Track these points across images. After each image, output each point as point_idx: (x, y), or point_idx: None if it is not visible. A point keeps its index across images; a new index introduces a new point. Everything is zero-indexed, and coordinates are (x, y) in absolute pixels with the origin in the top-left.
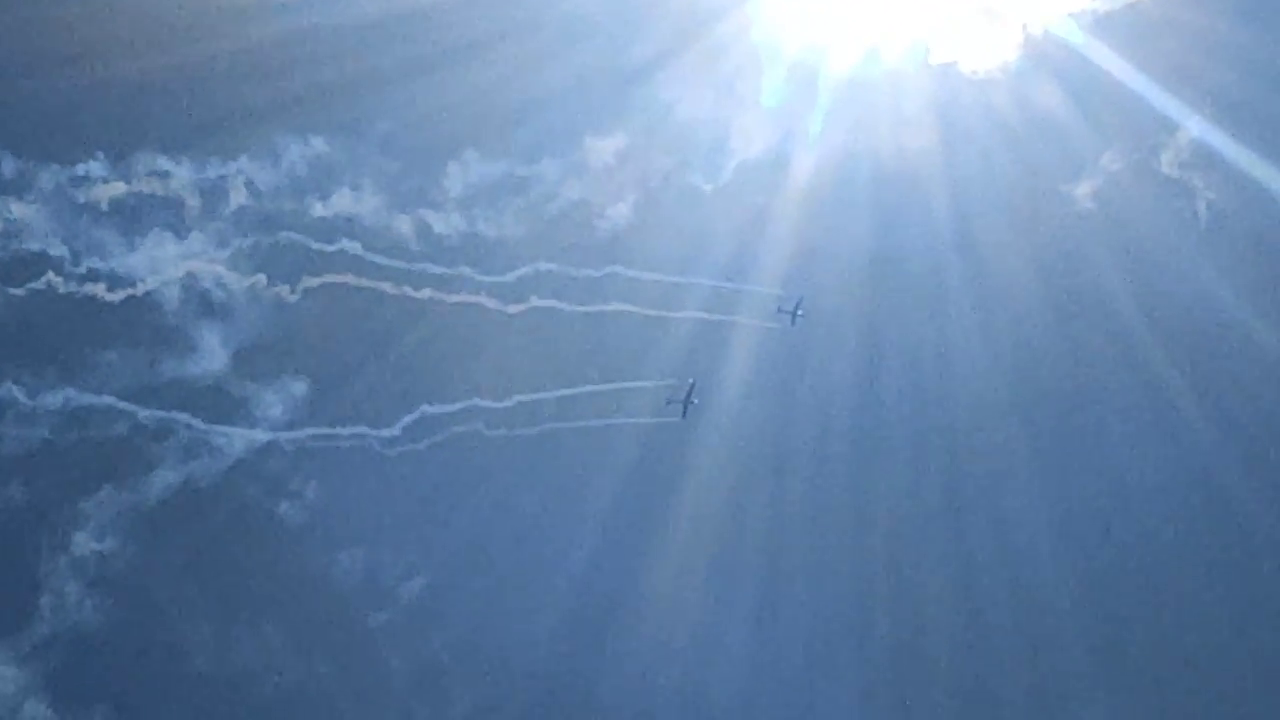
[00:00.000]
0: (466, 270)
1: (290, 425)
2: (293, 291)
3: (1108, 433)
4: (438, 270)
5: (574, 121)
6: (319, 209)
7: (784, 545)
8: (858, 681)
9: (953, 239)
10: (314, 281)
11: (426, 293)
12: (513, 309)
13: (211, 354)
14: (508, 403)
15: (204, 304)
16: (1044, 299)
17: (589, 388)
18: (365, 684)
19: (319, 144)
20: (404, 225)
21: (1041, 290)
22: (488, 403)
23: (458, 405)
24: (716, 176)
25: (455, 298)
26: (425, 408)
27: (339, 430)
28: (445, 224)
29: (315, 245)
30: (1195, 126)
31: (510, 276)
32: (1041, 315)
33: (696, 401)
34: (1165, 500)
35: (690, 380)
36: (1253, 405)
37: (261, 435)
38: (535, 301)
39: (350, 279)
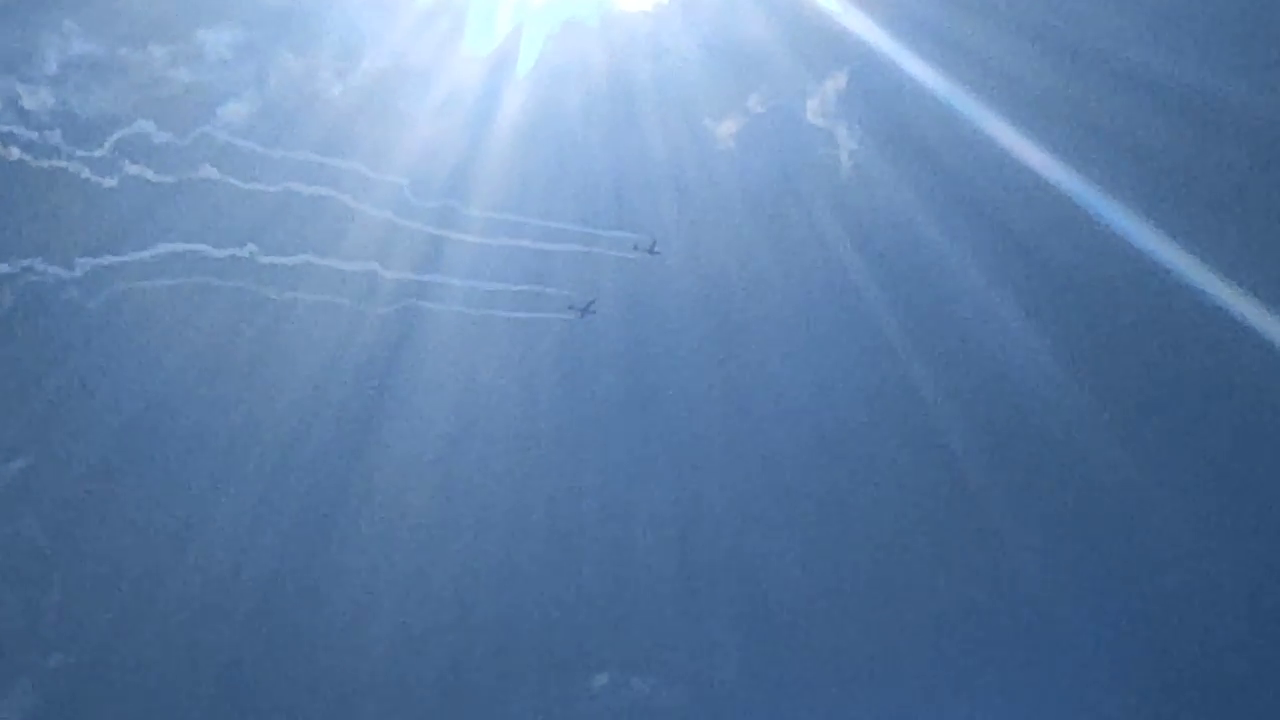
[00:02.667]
0: (58, 140)
1: None
2: None
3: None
4: (27, 135)
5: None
6: None
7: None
8: None
9: (595, 169)
10: None
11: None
12: (105, 181)
13: None
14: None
15: None
16: (675, 232)
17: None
18: None
19: None
20: None
21: (672, 224)
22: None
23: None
24: (345, 79)
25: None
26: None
27: None
28: (35, 99)
29: None
30: (845, 78)
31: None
32: (672, 245)
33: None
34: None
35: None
36: (881, 362)
37: None
38: (128, 169)
39: None
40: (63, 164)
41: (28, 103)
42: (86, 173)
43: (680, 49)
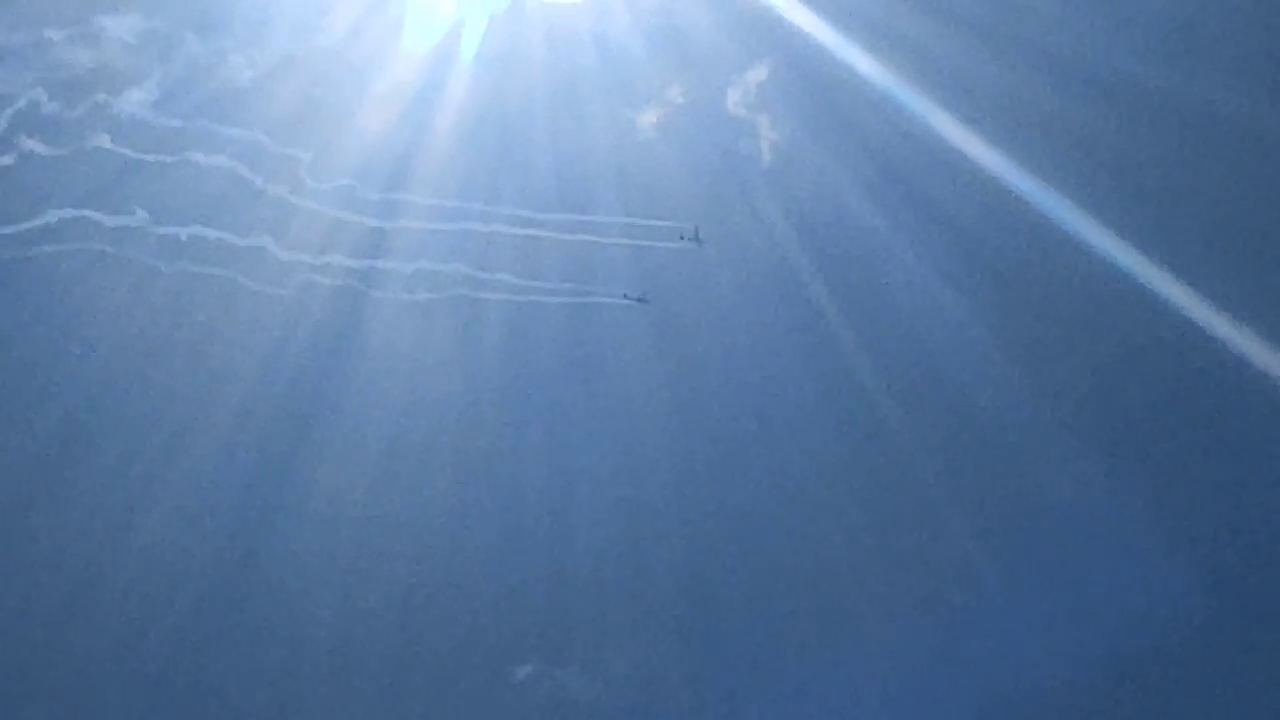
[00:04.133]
0: None
1: None
2: None
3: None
4: None
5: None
6: None
7: None
8: None
9: (505, 154)
10: None
11: None
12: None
13: None
14: None
15: None
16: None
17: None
18: None
19: None
20: None
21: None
22: None
23: None
24: (257, 66)
25: None
26: None
27: None
28: None
29: None
30: (767, 69)
31: None
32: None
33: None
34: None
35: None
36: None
37: None
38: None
39: None
40: None
41: None
42: None
43: (598, 39)
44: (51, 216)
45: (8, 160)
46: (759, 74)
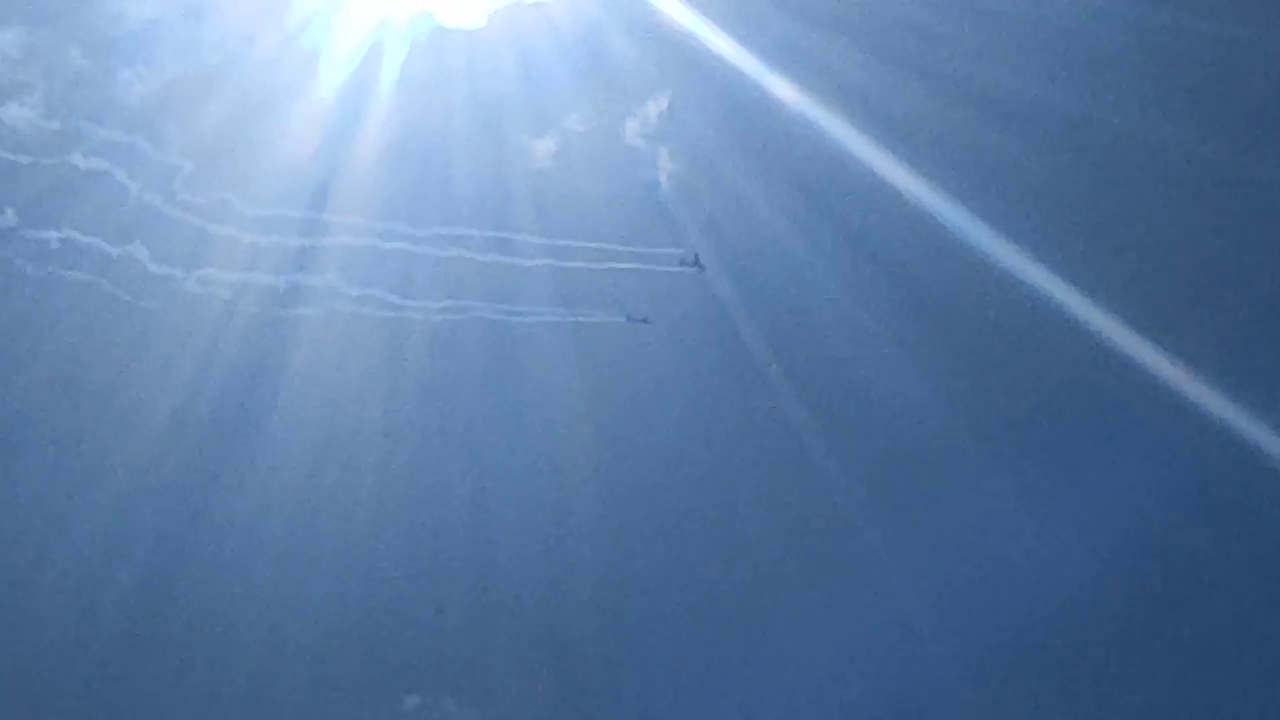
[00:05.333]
0: None
1: None
2: None
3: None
4: None
5: None
6: None
7: None
8: None
9: (394, 175)
10: None
11: None
12: None
13: None
14: None
15: None
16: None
17: None
18: None
19: None
20: None
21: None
22: None
23: None
24: (145, 82)
25: None
26: None
27: None
28: None
29: None
30: (667, 99)
31: None
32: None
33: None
34: None
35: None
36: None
37: None
38: None
39: None
40: None
41: None
42: None
43: (496, 67)
44: None
45: None
46: (661, 103)
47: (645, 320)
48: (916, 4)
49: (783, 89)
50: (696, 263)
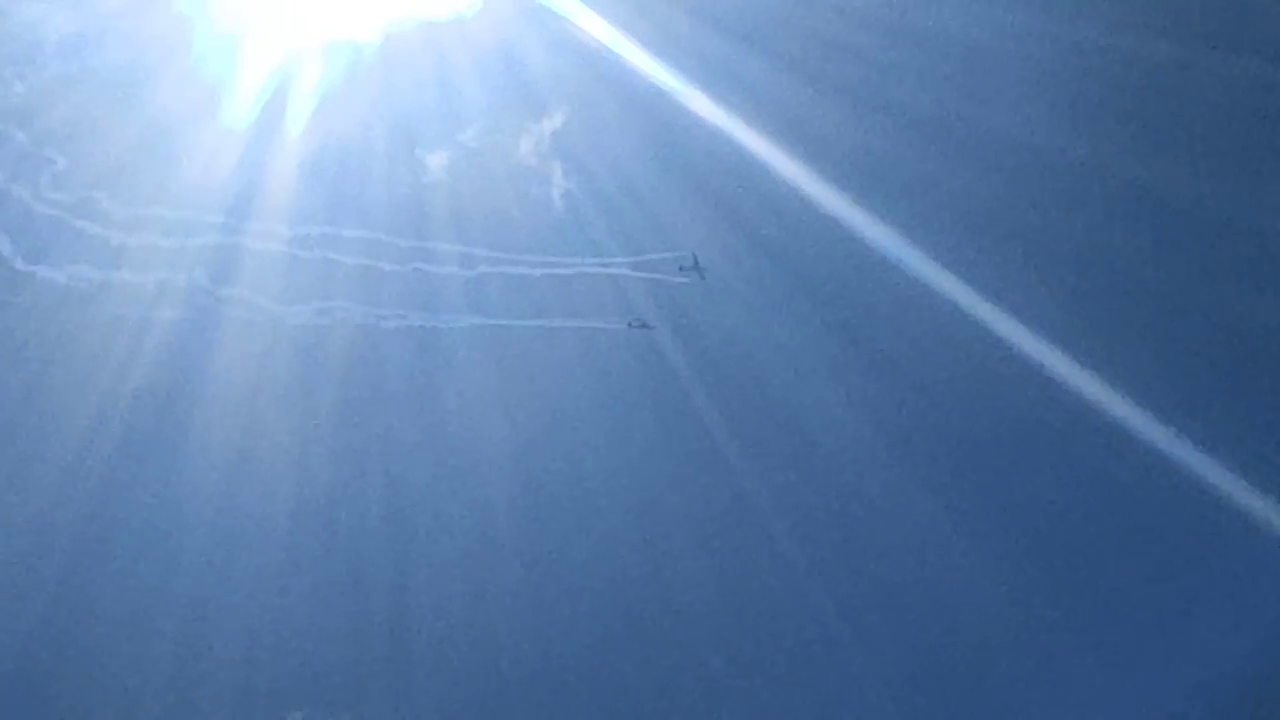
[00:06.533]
0: None
1: None
2: None
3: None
4: None
5: None
6: None
7: None
8: None
9: (284, 177)
10: None
11: None
12: None
13: None
14: None
15: None
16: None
17: None
18: None
19: None
20: None
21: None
22: None
23: None
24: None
25: None
26: None
27: None
28: None
29: None
30: (559, 119)
31: None
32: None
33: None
34: None
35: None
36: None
37: None
38: None
39: None
40: None
41: None
42: None
43: (392, 82)
44: None
45: None
46: (555, 121)
47: (645, 325)
48: (834, 20)
49: (699, 105)
50: (696, 266)
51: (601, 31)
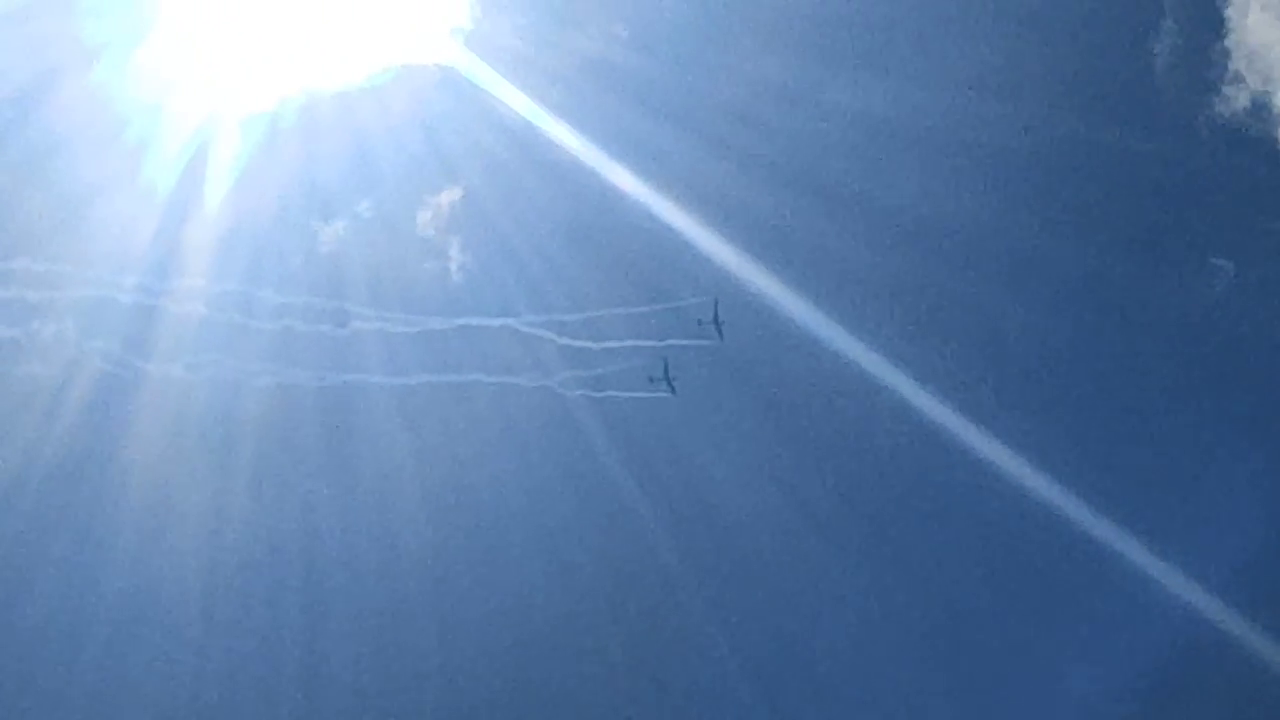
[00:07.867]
0: None
1: None
2: None
3: None
4: None
5: None
6: None
7: None
8: None
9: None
10: None
11: None
12: None
13: None
14: None
15: None
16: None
17: None
18: None
19: None
20: None
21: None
22: None
23: None
24: None
25: None
26: None
27: None
28: None
29: None
30: (461, 191)
31: None
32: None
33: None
34: None
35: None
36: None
37: None
38: None
39: None
40: None
41: None
42: None
43: (292, 151)
44: None
45: None
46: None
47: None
48: (745, 94)
49: (613, 174)
50: (715, 319)
51: (516, 101)
